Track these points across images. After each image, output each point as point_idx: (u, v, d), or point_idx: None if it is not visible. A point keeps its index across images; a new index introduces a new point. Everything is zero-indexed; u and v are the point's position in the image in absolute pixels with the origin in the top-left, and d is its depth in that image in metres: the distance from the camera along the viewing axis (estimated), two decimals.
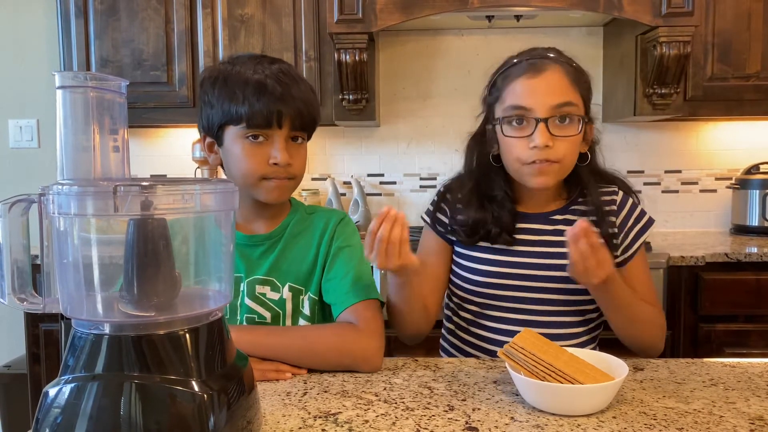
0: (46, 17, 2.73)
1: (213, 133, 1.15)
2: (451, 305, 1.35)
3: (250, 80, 1.10)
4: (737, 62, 2.38)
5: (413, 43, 2.74)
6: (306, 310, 1.19)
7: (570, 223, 1.24)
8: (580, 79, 1.20)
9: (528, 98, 1.15)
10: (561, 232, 1.23)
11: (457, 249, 1.31)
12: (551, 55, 1.20)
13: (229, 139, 1.13)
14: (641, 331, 1.21)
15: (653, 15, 2.16)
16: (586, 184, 1.25)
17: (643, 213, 1.28)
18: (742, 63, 2.38)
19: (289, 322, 1.19)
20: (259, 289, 1.18)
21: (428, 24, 2.57)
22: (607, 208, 1.24)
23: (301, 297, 1.19)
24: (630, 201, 1.28)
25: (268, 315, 1.18)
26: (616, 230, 1.24)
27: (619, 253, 1.24)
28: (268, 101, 1.09)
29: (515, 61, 1.22)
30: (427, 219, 1.34)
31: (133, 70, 2.44)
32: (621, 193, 1.28)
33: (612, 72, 2.63)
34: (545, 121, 1.14)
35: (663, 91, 2.31)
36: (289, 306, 1.18)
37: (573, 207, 1.27)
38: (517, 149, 1.17)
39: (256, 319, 1.17)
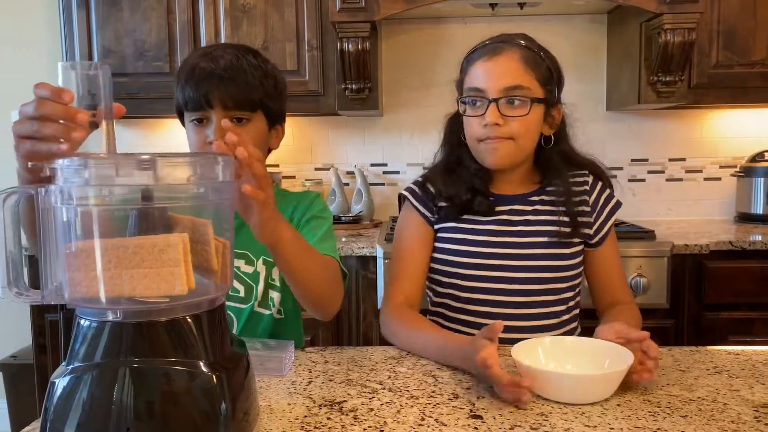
0: (48, 8, 2.72)
1: (182, 121, 1.21)
2: (435, 298, 1.35)
3: (187, 65, 1.15)
4: (742, 49, 2.36)
5: (416, 31, 2.73)
6: (277, 282, 1.23)
7: (547, 203, 1.29)
8: (537, 64, 1.24)
9: (482, 81, 1.23)
10: (540, 212, 1.29)
11: (440, 235, 1.31)
12: (512, 40, 1.25)
13: (186, 124, 1.19)
14: None
15: (658, 2, 2.14)
16: (556, 167, 1.30)
17: (611, 195, 1.34)
18: (748, 50, 2.36)
19: (260, 294, 1.21)
20: (234, 262, 1.19)
21: (431, 12, 2.56)
22: (579, 189, 1.30)
23: (273, 269, 1.23)
24: (599, 184, 1.34)
25: (241, 288, 1.21)
26: (588, 210, 1.29)
27: (592, 232, 1.29)
28: (196, 83, 1.13)
29: (479, 46, 1.28)
30: (410, 196, 1.33)
31: (135, 60, 2.43)
32: (591, 177, 1.34)
33: (616, 60, 2.61)
34: (496, 101, 1.21)
35: (667, 79, 2.30)
36: (262, 278, 1.22)
37: (548, 189, 1.31)
38: (473, 127, 1.25)
39: (230, 293, 1.19)
